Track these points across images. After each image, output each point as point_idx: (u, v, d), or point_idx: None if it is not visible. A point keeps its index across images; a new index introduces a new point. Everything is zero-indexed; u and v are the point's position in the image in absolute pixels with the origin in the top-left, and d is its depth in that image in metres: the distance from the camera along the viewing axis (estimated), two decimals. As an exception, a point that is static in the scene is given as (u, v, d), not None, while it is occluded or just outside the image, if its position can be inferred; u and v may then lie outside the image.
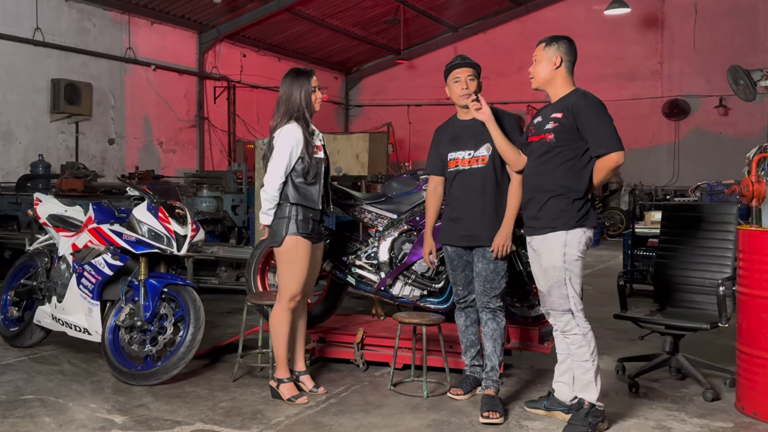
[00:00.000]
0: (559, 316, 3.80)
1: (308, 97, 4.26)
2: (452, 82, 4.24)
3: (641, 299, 6.91)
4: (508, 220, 4.10)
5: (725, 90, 14.13)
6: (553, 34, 4.03)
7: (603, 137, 3.69)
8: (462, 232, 4.20)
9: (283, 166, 4.15)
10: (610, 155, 3.67)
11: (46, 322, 5.20)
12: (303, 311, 4.50)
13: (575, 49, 3.90)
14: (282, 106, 4.27)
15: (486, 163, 4.15)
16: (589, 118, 3.71)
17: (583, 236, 3.77)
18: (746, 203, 4.15)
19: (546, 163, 3.82)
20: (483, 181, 4.15)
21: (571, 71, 3.89)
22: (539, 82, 3.92)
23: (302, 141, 4.18)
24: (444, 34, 19.24)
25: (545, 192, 3.80)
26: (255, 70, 16.27)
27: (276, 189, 4.17)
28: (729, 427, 3.88)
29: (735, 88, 8.32)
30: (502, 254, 4.08)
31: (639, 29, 17.49)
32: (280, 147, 4.17)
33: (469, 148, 4.20)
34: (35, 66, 11.32)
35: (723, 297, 4.28)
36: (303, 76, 4.28)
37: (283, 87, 4.30)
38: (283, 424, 3.88)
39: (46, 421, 3.89)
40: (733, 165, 13.95)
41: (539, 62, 3.90)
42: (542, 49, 3.90)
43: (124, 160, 13.14)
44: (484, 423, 3.88)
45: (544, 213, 3.80)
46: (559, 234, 3.75)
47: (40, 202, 5.58)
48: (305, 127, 4.23)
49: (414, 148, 19.17)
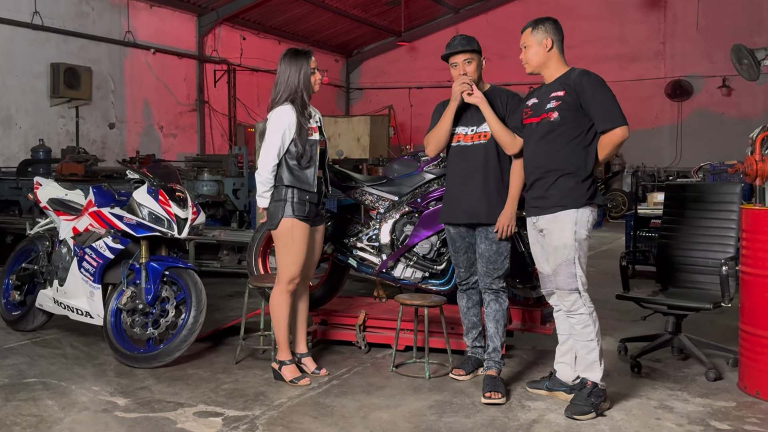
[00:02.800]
0: (566, 296, 3.79)
1: (307, 78, 4.21)
2: (451, 66, 4.23)
3: (644, 280, 6.91)
4: (512, 200, 4.08)
5: (728, 70, 14.06)
6: (554, 15, 4.03)
7: (609, 112, 3.70)
8: (462, 209, 4.18)
9: (275, 149, 4.12)
10: (615, 130, 3.69)
11: (48, 306, 5.21)
12: (305, 293, 4.50)
13: (561, 28, 3.91)
14: (279, 86, 4.22)
15: (488, 140, 4.13)
16: (594, 94, 3.72)
17: (591, 215, 3.80)
18: (750, 182, 4.13)
19: (551, 142, 3.80)
20: (485, 158, 4.13)
21: (562, 50, 3.90)
22: (533, 66, 3.92)
23: (295, 124, 4.14)
24: (445, 16, 19.10)
25: (553, 171, 3.79)
26: (255, 53, 16.19)
27: (269, 171, 4.15)
28: (731, 407, 3.88)
29: (739, 68, 8.26)
30: (506, 234, 4.07)
31: (641, 9, 17.35)
32: (272, 129, 4.14)
33: (472, 124, 4.18)
34: (34, 50, 11.26)
35: (726, 277, 4.26)
36: (301, 57, 4.22)
37: (281, 67, 4.24)
38: (285, 405, 3.89)
39: (49, 404, 3.89)
40: (736, 146, 13.85)
41: (530, 47, 3.90)
42: (530, 34, 3.90)
43: (125, 145, 13.11)
44: (486, 403, 3.89)
45: (554, 192, 3.79)
46: (569, 212, 3.75)
47: (41, 186, 5.56)
48: (300, 109, 4.18)
49: (415, 130, 19.11)
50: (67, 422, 3.63)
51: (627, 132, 3.70)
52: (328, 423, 3.64)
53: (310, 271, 4.48)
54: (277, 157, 4.14)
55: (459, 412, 3.78)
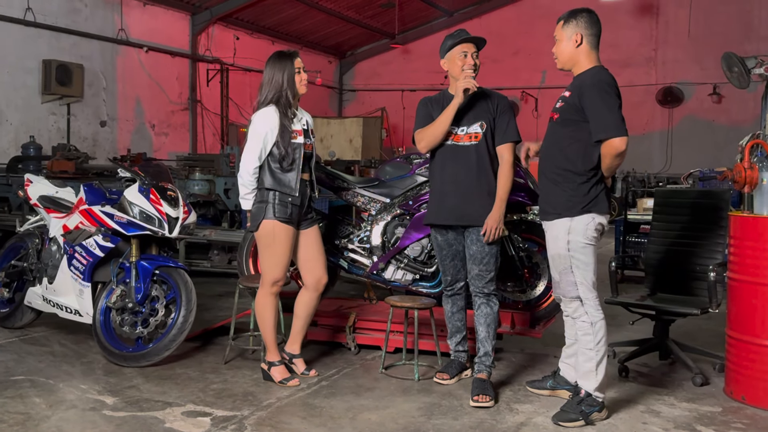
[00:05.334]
0: (568, 303, 3.77)
1: (291, 78, 4.19)
2: (458, 55, 4.11)
3: (632, 285, 6.95)
4: (500, 202, 4.04)
5: (719, 78, 14.12)
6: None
7: (603, 121, 3.51)
8: (450, 209, 4.12)
9: (256, 152, 4.11)
10: (611, 141, 3.50)
11: (37, 304, 5.18)
12: (315, 296, 4.38)
13: (597, 20, 3.69)
14: (264, 88, 4.22)
15: (479, 140, 4.09)
16: (592, 100, 3.55)
17: (591, 222, 3.63)
18: (738, 189, 4.15)
19: (553, 145, 3.75)
20: (476, 158, 4.08)
21: (594, 45, 3.69)
22: (562, 62, 3.74)
23: (278, 126, 4.12)
24: (439, 19, 19.13)
25: (551, 175, 3.73)
26: (248, 52, 16.17)
27: (250, 174, 4.14)
28: (717, 412, 3.91)
29: (729, 76, 8.27)
30: (493, 237, 4.02)
31: (634, 15, 17.45)
32: (253, 132, 4.14)
33: (464, 124, 4.13)
34: (26, 46, 11.21)
35: (714, 283, 4.29)
36: (285, 58, 4.22)
37: (266, 70, 4.25)
38: (274, 406, 3.89)
39: (37, 401, 3.88)
40: (726, 153, 13.95)
41: (560, 41, 3.72)
42: (561, 28, 3.72)
43: (116, 143, 13.06)
44: (474, 406, 3.89)
45: (552, 198, 3.72)
46: (563, 221, 3.67)
47: (31, 183, 5.53)
48: (284, 110, 4.17)
49: (408, 133, 19.10)
50: (55, 420, 3.62)
51: (623, 144, 3.49)
52: (316, 424, 3.64)
53: (319, 273, 4.36)
54: (259, 160, 4.13)
55: (447, 414, 3.80)
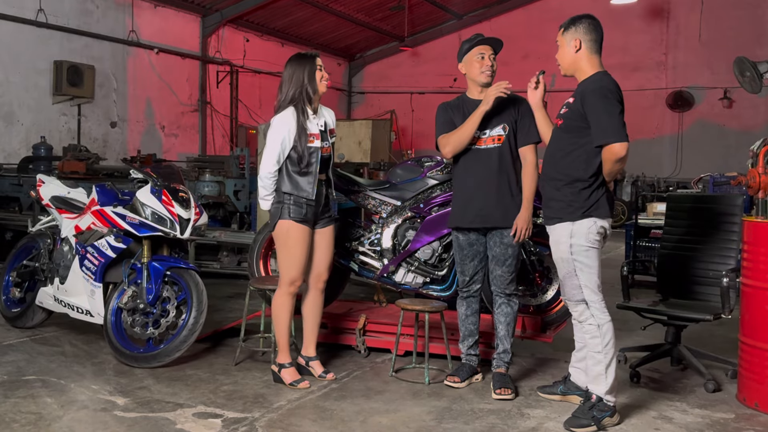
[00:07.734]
0: (573, 306, 3.78)
1: (312, 75, 4.21)
2: (475, 58, 4.16)
3: (643, 290, 6.91)
4: (527, 203, 4.09)
5: (730, 82, 14.08)
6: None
7: (604, 126, 3.54)
8: (475, 213, 4.16)
9: (275, 155, 4.15)
10: (611, 146, 3.52)
11: (48, 304, 5.20)
12: (317, 296, 4.43)
13: (598, 26, 3.74)
14: (284, 85, 4.24)
15: (502, 143, 4.13)
16: (593, 105, 3.58)
17: (593, 226, 3.66)
18: (752, 194, 4.13)
19: (555, 151, 3.78)
20: (498, 161, 4.12)
21: (595, 51, 3.74)
22: (564, 68, 3.81)
23: (295, 130, 4.15)
24: (449, 22, 19.14)
25: (553, 180, 3.76)
26: (258, 55, 16.21)
27: (269, 177, 4.19)
28: (730, 418, 3.88)
29: (741, 80, 8.25)
30: (523, 237, 4.08)
31: (644, 19, 17.40)
32: (271, 136, 4.17)
33: (486, 127, 4.15)
34: (38, 47, 11.27)
35: (726, 288, 4.26)
36: (307, 57, 4.27)
37: (287, 69, 4.28)
38: (284, 408, 3.89)
39: (48, 401, 3.89)
40: (736, 158, 13.91)
41: (561, 47, 3.79)
42: (561, 35, 3.79)
43: (126, 144, 13.11)
44: (498, 399, 4.00)
45: (554, 203, 3.76)
46: (565, 225, 3.70)
47: (43, 184, 5.56)
48: (303, 111, 4.19)
49: (417, 135, 19.14)
50: (66, 420, 3.63)
51: (624, 149, 3.51)
52: (327, 426, 3.64)
53: (320, 269, 4.39)
54: (277, 163, 4.18)
55: (458, 419, 3.78)
